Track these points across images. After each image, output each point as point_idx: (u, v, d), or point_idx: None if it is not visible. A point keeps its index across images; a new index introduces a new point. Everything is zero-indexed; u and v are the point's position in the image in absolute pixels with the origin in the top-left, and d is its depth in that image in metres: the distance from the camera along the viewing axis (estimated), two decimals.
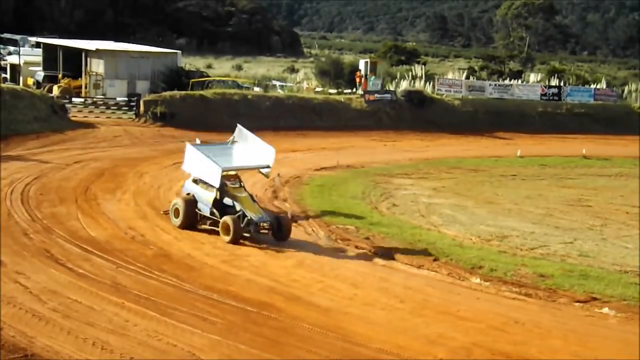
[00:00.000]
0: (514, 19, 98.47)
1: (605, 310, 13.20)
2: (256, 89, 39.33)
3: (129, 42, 47.19)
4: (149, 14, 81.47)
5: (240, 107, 34.45)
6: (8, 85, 34.31)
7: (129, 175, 22.76)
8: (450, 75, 45.50)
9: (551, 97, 42.76)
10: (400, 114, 38.26)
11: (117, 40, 46.31)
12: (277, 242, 16.16)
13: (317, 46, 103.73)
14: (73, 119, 31.40)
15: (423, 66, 49.58)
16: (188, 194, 17.20)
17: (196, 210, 16.81)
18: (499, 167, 28.93)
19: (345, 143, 32.18)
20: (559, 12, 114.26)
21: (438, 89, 40.93)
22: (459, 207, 21.03)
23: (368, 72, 39.15)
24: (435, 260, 15.54)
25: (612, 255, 16.68)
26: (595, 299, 13.62)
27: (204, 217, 16.78)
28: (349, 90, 39.78)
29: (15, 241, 15.05)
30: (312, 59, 74.84)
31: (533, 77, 48.77)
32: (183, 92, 34.41)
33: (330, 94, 39.37)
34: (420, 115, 38.33)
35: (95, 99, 34.07)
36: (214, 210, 16.53)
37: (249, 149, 17.73)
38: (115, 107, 33.25)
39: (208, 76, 40.87)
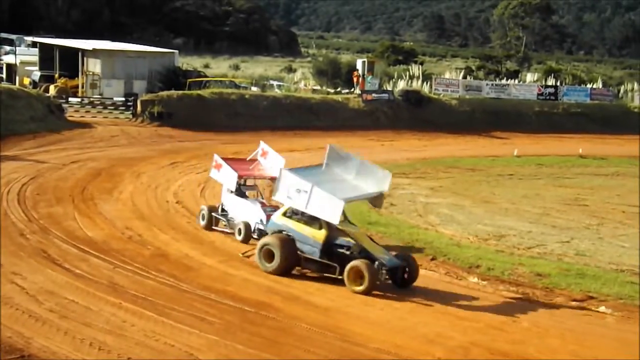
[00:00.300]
0: (510, 18, 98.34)
1: (602, 309, 13.23)
2: (254, 88, 39.37)
3: (126, 42, 47.12)
4: (146, 13, 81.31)
5: (238, 106, 34.50)
6: (4, 85, 34.27)
7: (126, 175, 22.74)
8: (447, 75, 45.60)
9: (548, 97, 42.85)
10: (397, 113, 38.28)
11: (114, 39, 46.23)
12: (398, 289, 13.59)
13: (314, 46, 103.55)
14: (70, 118, 31.39)
15: (420, 66, 49.68)
16: (280, 231, 14.21)
17: (297, 251, 13.97)
18: (496, 167, 28.98)
19: (343, 143, 31.72)
20: (556, 12, 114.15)
21: (435, 89, 40.97)
22: (457, 207, 21.05)
23: (365, 72, 39.18)
24: (432, 259, 15.57)
25: (608, 254, 16.70)
26: (592, 297, 13.66)
27: (308, 259, 13.91)
28: (347, 90, 39.81)
29: (12, 241, 15.01)
30: (309, 58, 74.75)
31: (530, 77, 48.94)
32: (180, 92, 34.41)
33: (328, 93, 39.39)
34: (417, 114, 38.36)
35: (92, 99, 34.07)
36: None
37: (354, 173, 14.59)
38: (112, 107, 33.27)
39: (205, 76, 40.84)
